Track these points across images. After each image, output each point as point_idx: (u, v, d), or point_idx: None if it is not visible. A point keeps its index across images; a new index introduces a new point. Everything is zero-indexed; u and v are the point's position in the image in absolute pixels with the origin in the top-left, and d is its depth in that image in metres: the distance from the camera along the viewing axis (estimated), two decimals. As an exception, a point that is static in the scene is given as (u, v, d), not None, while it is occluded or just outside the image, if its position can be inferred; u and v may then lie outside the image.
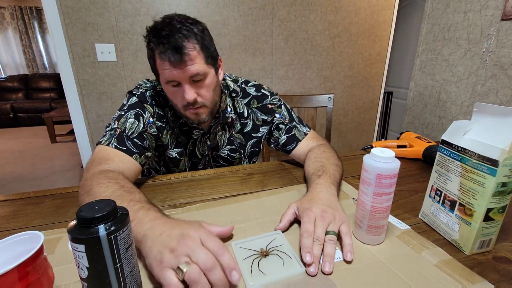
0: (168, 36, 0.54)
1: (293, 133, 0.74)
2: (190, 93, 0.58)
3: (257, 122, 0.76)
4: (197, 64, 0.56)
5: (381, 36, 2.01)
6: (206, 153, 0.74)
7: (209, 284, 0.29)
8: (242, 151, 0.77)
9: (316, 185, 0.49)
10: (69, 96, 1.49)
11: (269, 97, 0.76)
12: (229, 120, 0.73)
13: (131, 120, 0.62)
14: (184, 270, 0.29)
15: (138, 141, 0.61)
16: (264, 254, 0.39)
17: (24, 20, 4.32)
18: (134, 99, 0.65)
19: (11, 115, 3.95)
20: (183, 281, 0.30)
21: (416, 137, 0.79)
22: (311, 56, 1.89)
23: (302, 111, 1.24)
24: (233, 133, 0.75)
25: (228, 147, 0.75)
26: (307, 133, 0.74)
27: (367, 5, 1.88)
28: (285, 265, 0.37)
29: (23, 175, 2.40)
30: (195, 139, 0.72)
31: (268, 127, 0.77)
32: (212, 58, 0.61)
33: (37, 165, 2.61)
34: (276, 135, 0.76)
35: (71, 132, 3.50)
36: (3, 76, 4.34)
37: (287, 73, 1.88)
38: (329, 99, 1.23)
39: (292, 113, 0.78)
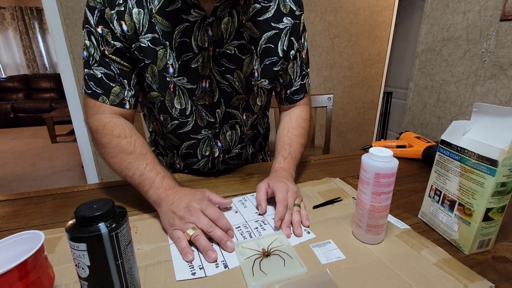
0: None
1: (304, 82, 0.65)
2: None
3: (282, 9, 0.56)
4: None
5: (380, 36, 2.01)
6: (206, 46, 0.52)
7: (208, 242, 0.40)
8: (253, 47, 0.55)
9: (281, 170, 0.57)
10: (70, 96, 1.49)
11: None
12: None
13: (87, 42, 0.50)
14: (191, 233, 0.40)
15: (98, 74, 0.50)
16: (266, 254, 0.39)
17: (25, 21, 4.33)
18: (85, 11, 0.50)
19: (11, 115, 3.96)
20: (190, 242, 0.41)
21: (416, 137, 0.79)
22: (311, 56, 1.89)
23: (302, 111, 1.24)
24: (243, 21, 0.53)
25: (235, 41, 0.54)
26: (308, 89, 0.67)
27: (367, 5, 1.89)
28: (286, 265, 0.37)
29: (23, 175, 2.40)
30: (192, 24, 0.50)
31: (293, 22, 0.57)
32: None
33: (38, 165, 2.61)
34: (291, 71, 0.62)
35: (72, 132, 3.50)
36: (4, 76, 4.35)
37: (287, 73, 1.88)
38: (329, 99, 1.23)
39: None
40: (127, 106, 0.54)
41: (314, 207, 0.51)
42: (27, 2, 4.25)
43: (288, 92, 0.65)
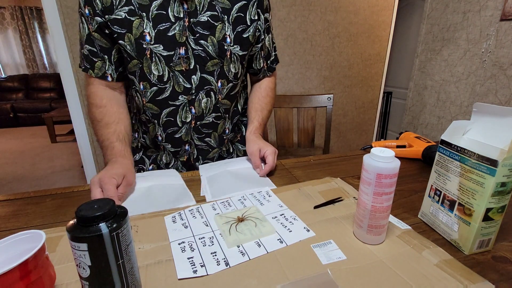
0: None
1: (276, 52, 0.78)
2: None
3: None
4: None
5: (380, 36, 2.01)
6: (182, 16, 0.60)
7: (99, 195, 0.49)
8: (226, 17, 0.63)
9: (259, 135, 0.73)
10: (69, 96, 1.49)
11: None
12: None
13: (80, 25, 0.61)
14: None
15: (85, 51, 0.61)
16: (240, 219, 0.47)
17: (24, 20, 4.32)
18: None
19: (11, 115, 3.95)
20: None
21: (416, 137, 0.79)
22: (311, 56, 1.89)
23: (302, 111, 1.25)
24: None
25: (208, 12, 0.62)
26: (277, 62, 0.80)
27: (367, 5, 1.89)
28: (257, 226, 0.45)
29: (23, 175, 2.40)
30: None
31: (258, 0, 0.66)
32: None
33: (37, 165, 2.61)
34: (268, 44, 0.73)
35: (71, 132, 3.50)
36: (3, 76, 4.34)
37: (286, 73, 1.88)
38: (329, 99, 1.24)
39: None
40: (109, 78, 0.64)
41: (315, 207, 0.51)
42: (27, 2, 4.24)
43: (268, 62, 0.77)
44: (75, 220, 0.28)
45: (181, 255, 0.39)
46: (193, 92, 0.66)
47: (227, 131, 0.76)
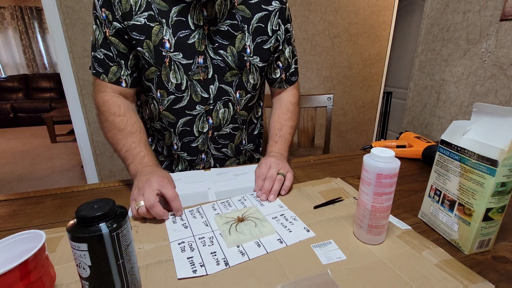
0: None
1: (297, 66, 0.74)
2: None
3: None
4: None
5: (380, 36, 2.01)
6: (201, 24, 0.58)
7: (146, 214, 0.47)
8: (246, 26, 0.61)
9: (273, 152, 0.66)
10: (69, 96, 1.49)
11: None
12: None
13: (94, 27, 0.57)
14: (139, 206, 0.46)
15: (100, 55, 0.57)
16: (240, 220, 0.47)
17: (24, 20, 4.32)
18: None
19: (11, 115, 3.95)
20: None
21: (416, 137, 0.79)
22: (311, 56, 1.89)
23: (302, 111, 1.25)
24: (236, 3, 0.60)
25: (228, 21, 0.60)
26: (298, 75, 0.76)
27: (367, 5, 1.89)
28: (257, 226, 0.45)
29: (23, 175, 2.40)
30: (188, 5, 0.56)
31: (280, 6, 0.63)
32: None
33: (37, 165, 2.61)
34: (288, 55, 0.69)
35: (71, 132, 3.50)
36: (3, 76, 4.34)
37: (287, 73, 1.88)
38: (329, 99, 1.24)
39: None
40: (123, 84, 0.61)
41: (315, 207, 0.52)
42: (27, 1, 4.24)
43: (287, 74, 0.73)
44: (75, 220, 0.28)
45: (181, 255, 0.39)
46: (211, 102, 0.64)
47: (243, 141, 0.74)
